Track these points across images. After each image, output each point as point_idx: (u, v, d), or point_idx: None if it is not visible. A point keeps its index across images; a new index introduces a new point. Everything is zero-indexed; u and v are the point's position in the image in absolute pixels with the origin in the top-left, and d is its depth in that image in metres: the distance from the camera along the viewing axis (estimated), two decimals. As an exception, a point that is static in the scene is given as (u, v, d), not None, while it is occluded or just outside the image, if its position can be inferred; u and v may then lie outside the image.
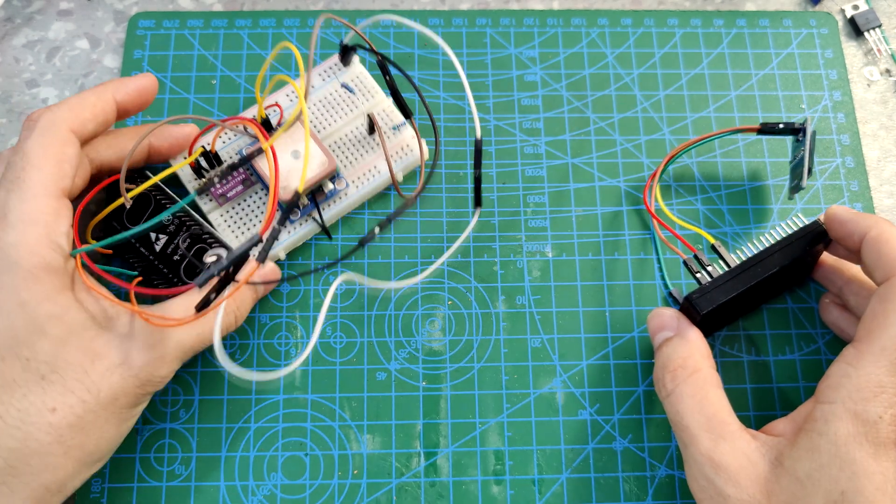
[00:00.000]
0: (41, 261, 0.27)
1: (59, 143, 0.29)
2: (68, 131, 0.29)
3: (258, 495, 0.32)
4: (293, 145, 0.34)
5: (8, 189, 0.28)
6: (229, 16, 0.40)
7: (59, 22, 0.40)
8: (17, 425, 0.26)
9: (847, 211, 0.31)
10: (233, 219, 0.35)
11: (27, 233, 0.27)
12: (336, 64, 0.37)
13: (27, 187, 0.28)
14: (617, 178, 0.38)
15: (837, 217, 0.31)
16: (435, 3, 0.41)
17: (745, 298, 0.32)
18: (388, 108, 0.37)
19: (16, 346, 0.26)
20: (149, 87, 0.33)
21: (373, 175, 0.36)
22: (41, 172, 0.28)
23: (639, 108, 0.39)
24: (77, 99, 0.30)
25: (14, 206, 0.27)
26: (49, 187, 0.28)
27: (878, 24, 0.41)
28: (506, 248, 0.36)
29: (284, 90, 0.37)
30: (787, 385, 0.34)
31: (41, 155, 0.28)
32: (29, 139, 0.29)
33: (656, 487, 0.33)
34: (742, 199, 0.38)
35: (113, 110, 0.31)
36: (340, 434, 0.33)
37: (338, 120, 0.36)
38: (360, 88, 0.37)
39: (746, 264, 0.31)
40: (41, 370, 0.27)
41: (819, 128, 0.39)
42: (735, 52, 0.40)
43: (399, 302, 0.35)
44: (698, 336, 0.31)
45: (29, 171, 0.28)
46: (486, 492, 0.32)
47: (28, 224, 0.27)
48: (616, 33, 0.41)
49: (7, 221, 0.27)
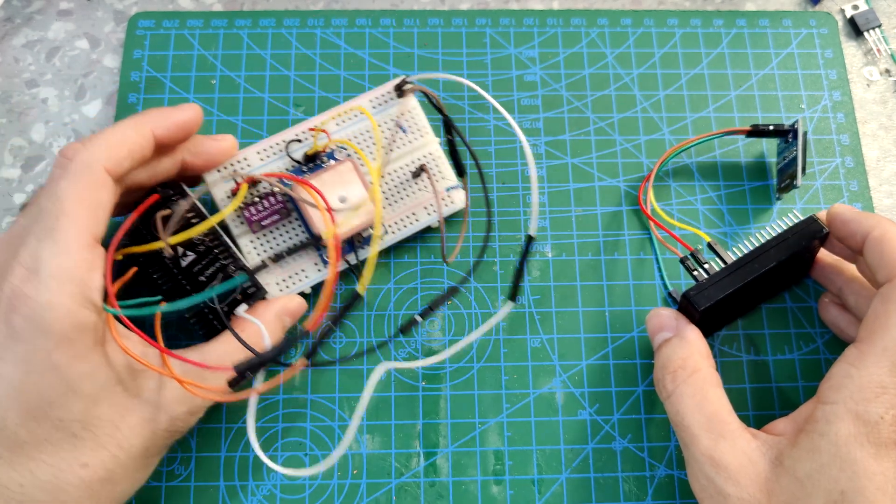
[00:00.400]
0: (74, 322, 0.26)
1: (94, 187, 0.27)
2: (104, 173, 0.28)
3: (258, 495, 0.32)
4: (342, 188, 0.32)
5: (39, 238, 0.26)
6: (229, 16, 0.40)
7: (58, 22, 0.40)
8: (49, 479, 0.26)
9: (850, 210, 0.31)
10: (262, 246, 0.33)
11: (61, 292, 0.26)
12: (389, 92, 0.35)
13: (60, 239, 0.26)
14: (617, 178, 0.38)
15: (840, 216, 0.31)
16: (435, 3, 0.41)
17: (744, 295, 0.32)
18: (435, 153, 0.35)
19: (48, 408, 0.26)
20: (192, 121, 0.31)
21: (411, 222, 0.35)
22: (75, 222, 0.26)
23: (638, 108, 0.39)
24: (114, 134, 0.28)
25: (47, 259, 0.26)
26: (83, 238, 0.27)
27: (878, 24, 0.41)
28: (506, 248, 0.36)
29: (330, 113, 0.35)
30: (786, 384, 0.34)
31: (75, 201, 0.27)
32: (62, 181, 0.27)
33: (656, 487, 0.33)
34: (742, 199, 0.38)
35: (151, 146, 0.29)
36: (340, 434, 0.33)
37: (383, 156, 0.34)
38: (410, 125, 0.35)
39: (743, 260, 0.31)
40: (73, 428, 0.26)
41: (819, 128, 0.39)
42: (735, 52, 0.40)
43: (399, 302, 0.35)
44: (697, 336, 0.31)
45: (62, 220, 0.26)
46: (485, 492, 0.33)
47: (62, 282, 0.26)
48: (616, 33, 0.41)
49: (39, 278, 0.26)
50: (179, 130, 0.30)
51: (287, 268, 0.33)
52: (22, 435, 0.26)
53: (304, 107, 0.38)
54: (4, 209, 0.37)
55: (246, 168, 0.34)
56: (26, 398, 0.26)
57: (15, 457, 0.26)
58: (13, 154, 0.38)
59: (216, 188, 0.33)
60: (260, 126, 0.38)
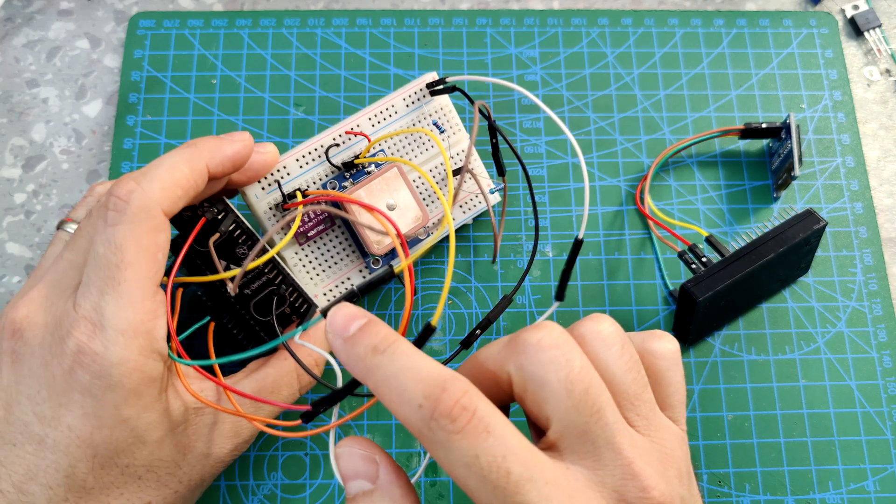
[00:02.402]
0: (143, 376, 0.26)
1: (153, 232, 0.26)
2: (161, 216, 0.26)
3: (258, 495, 0.32)
4: (389, 195, 0.32)
5: (102, 291, 0.25)
6: (229, 15, 0.40)
7: (59, 22, 0.40)
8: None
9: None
10: (308, 258, 0.33)
11: (129, 348, 0.25)
12: (422, 89, 0.34)
13: (124, 292, 0.25)
14: (617, 178, 0.38)
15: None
16: (435, 3, 0.41)
17: (743, 289, 0.32)
18: (473, 162, 0.35)
19: (116, 457, 0.26)
20: (244, 154, 0.29)
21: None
22: (137, 272, 0.26)
23: (639, 107, 0.39)
24: (169, 173, 0.27)
25: (112, 314, 0.25)
26: (147, 287, 0.26)
27: (878, 24, 0.41)
28: (506, 248, 0.36)
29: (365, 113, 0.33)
30: (786, 384, 0.34)
31: (136, 250, 0.26)
32: (120, 227, 0.26)
33: (656, 487, 0.33)
34: (742, 199, 0.38)
35: (205, 181, 0.28)
36: (341, 434, 0.33)
37: (419, 156, 0.34)
38: (443, 122, 0.34)
39: (741, 252, 0.31)
40: (138, 472, 0.27)
41: (819, 127, 0.39)
42: (735, 51, 0.40)
43: (399, 302, 0.35)
44: (406, 491, 0.22)
45: (125, 270, 0.25)
46: (486, 491, 0.32)
47: (129, 337, 0.25)
48: (616, 33, 0.41)
49: (106, 334, 0.25)
50: (232, 164, 0.29)
51: (334, 277, 0.33)
52: (90, 482, 0.26)
53: (304, 106, 0.38)
54: (5, 209, 0.37)
55: (286, 177, 0.32)
56: (95, 449, 0.26)
57: (82, 501, 0.26)
58: (14, 154, 0.38)
59: (258, 204, 0.32)
60: (260, 126, 0.38)
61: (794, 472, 0.33)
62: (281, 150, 0.37)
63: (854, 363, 0.35)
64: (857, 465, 0.33)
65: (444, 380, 0.20)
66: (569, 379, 0.21)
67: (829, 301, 0.36)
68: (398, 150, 0.34)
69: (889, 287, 0.36)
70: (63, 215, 0.37)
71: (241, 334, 0.31)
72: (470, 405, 0.20)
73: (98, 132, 0.38)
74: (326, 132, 0.33)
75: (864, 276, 0.36)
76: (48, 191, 0.37)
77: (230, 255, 0.30)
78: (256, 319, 0.30)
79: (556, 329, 0.22)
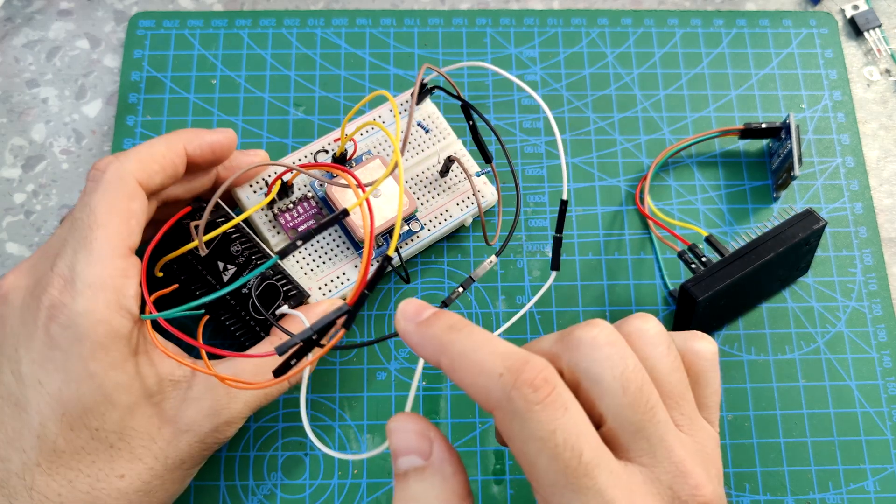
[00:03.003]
0: (110, 329, 0.26)
1: (126, 198, 0.28)
2: (135, 185, 0.28)
3: (258, 495, 0.32)
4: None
5: (75, 250, 0.27)
6: (229, 16, 0.40)
7: (59, 22, 0.40)
8: (87, 490, 0.26)
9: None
10: (302, 253, 0.33)
11: (96, 300, 0.26)
12: (407, 100, 0.35)
13: (95, 249, 0.27)
14: (617, 178, 0.38)
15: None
16: (435, 3, 0.41)
17: (743, 289, 0.32)
18: (460, 152, 0.36)
19: (84, 416, 0.26)
20: (226, 145, 0.31)
21: (445, 219, 0.35)
22: (108, 232, 0.27)
23: (639, 107, 0.39)
24: (146, 149, 0.29)
25: (82, 269, 0.26)
26: (117, 247, 0.27)
27: (878, 24, 0.41)
28: (506, 248, 0.36)
29: (359, 120, 0.35)
30: (786, 384, 0.34)
31: (108, 212, 0.27)
32: (95, 194, 0.27)
33: (656, 487, 0.33)
34: (742, 199, 0.38)
35: (183, 163, 0.30)
36: (340, 434, 0.33)
37: (409, 158, 0.35)
38: (431, 128, 0.36)
39: (741, 252, 0.31)
40: (109, 439, 0.27)
41: (819, 127, 0.39)
42: (735, 51, 0.40)
43: (399, 302, 0.35)
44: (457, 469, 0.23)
45: (96, 230, 0.27)
46: (486, 491, 0.32)
47: (97, 290, 0.26)
48: (616, 33, 0.41)
49: (75, 288, 0.26)
50: (212, 152, 0.30)
51: (328, 272, 0.33)
52: (60, 444, 0.26)
53: (304, 107, 0.38)
54: (5, 209, 0.37)
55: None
56: (64, 406, 0.26)
57: (54, 466, 0.26)
58: (13, 154, 0.38)
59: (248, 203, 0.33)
60: (260, 126, 0.38)
61: (794, 472, 0.33)
62: (281, 151, 0.37)
63: (854, 363, 0.35)
64: (857, 466, 0.33)
65: (525, 354, 0.21)
66: (624, 376, 0.22)
67: (828, 301, 0.36)
68: (391, 150, 0.35)
69: (889, 287, 0.36)
70: (63, 215, 0.37)
71: (240, 331, 0.31)
72: (551, 379, 0.21)
73: (98, 132, 0.38)
74: (316, 141, 0.35)
75: (863, 277, 0.36)
76: (48, 191, 0.37)
77: (225, 253, 0.31)
78: (253, 317, 0.31)
79: (609, 327, 0.23)
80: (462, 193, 0.35)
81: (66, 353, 0.26)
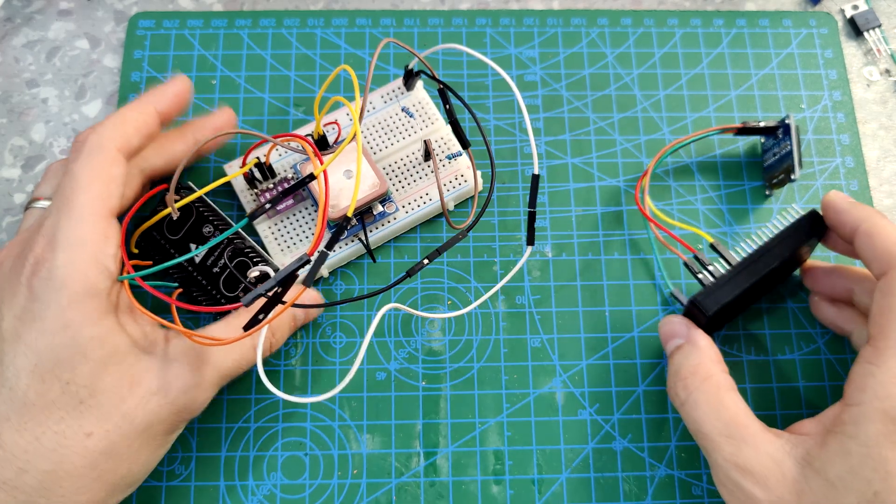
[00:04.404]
0: (87, 283, 0.27)
1: (105, 163, 0.29)
2: (115, 150, 0.30)
3: (258, 495, 0.32)
4: (346, 164, 0.34)
5: (58, 211, 0.28)
6: (229, 16, 0.40)
7: (59, 22, 0.40)
8: (54, 448, 0.26)
9: (843, 200, 0.31)
10: (280, 232, 0.35)
11: (75, 254, 0.27)
12: (399, 87, 0.37)
13: (75, 209, 0.28)
14: (617, 178, 0.38)
15: (833, 205, 0.31)
16: (435, 3, 0.41)
17: (749, 294, 0.32)
18: (447, 136, 0.37)
19: (56, 368, 0.27)
20: (184, 90, 0.33)
21: (424, 202, 0.35)
22: (89, 194, 0.29)
23: (639, 107, 0.39)
24: (120, 116, 0.31)
25: (63, 228, 0.28)
26: (97, 209, 0.29)
27: (878, 24, 0.41)
28: (506, 248, 0.36)
29: (345, 109, 0.37)
30: (786, 385, 0.34)
31: (88, 177, 0.29)
32: (77, 161, 0.29)
33: (656, 487, 0.33)
34: (742, 199, 0.38)
35: (156, 121, 0.32)
36: (340, 434, 0.33)
37: (394, 143, 0.36)
38: (420, 114, 0.37)
39: (748, 261, 0.31)
40: (80, 394, 0.27)
41: (819, 128, 0.39)
42: (735, 51, 0.40)
43: (399, 302, 0.35)
44: (708, 342, 0.31)
45: (77, 193, 0.28)
46: (485, 492, 0.32)
47: (76, 246, 0.28)
48: (616, 33, 0.41)
49: (56, 243, 0.28)
50: (177, 101, 0.33)
51: (303, 249, 0.34)
52: (31, 396, 0.26)
53: (304, 107, 0.38)
54: (4, 209, 0.37)
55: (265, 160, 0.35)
56: (38, 356, 0.27)
57: (22, 420, 0.26)
58: (13, 154, 0.38)
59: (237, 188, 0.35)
60: (260, 126, 0.38)
61: (794, 473, 0.33)
62: (281, 151, 0.37)
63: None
64: (857, 466, 0.33)
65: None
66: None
67: (828, 301, 0.36)
68: (375, 136, 0.36)
69: (889, 287, 0.36)
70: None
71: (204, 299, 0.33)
72: None
73: (98, 132, 0.38)
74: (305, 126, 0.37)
75: (863, 277, 0.36)
76: (48, 191, 0.37)
77: (197, 235, 0.33)
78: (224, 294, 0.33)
79: None
80: (442, 178, 0.36)
81: (44, 304, 0.27)
